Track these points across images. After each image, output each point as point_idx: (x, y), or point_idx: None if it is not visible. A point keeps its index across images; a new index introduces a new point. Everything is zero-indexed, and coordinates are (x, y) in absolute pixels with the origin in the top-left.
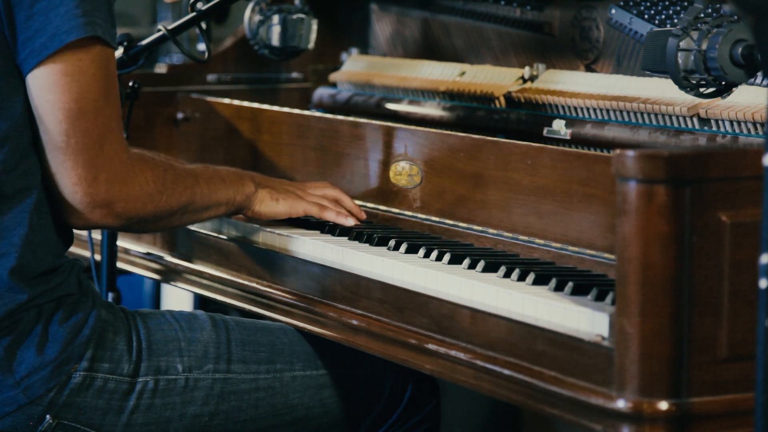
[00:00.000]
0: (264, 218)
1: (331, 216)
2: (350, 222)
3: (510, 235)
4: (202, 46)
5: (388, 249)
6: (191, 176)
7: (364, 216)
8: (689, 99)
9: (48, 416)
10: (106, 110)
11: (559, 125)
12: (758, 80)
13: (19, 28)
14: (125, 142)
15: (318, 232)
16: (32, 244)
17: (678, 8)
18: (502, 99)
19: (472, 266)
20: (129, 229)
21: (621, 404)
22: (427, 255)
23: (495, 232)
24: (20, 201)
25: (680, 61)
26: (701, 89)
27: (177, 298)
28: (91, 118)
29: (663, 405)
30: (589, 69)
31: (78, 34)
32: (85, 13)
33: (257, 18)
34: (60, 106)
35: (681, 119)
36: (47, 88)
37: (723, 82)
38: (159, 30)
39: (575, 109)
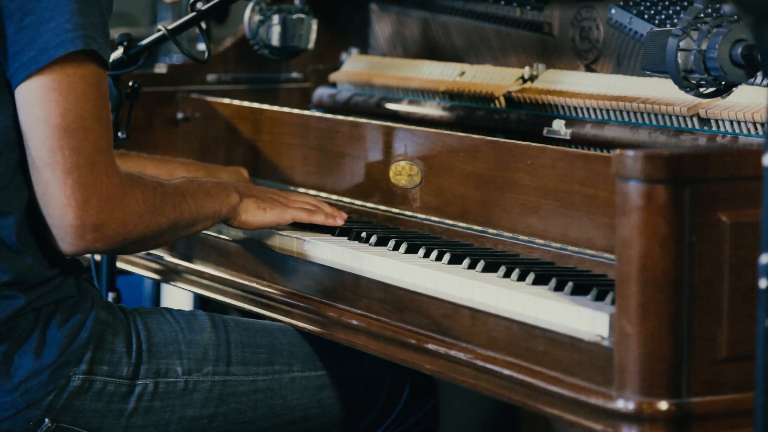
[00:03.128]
0: (251, 228)
1: (320, 219)
2: (339, 222)
3: (510, 235)
4: (202, 46)
5: (388, 249)
6: (178, 193)
7: (345, 216)
8: (689, 99)
9: (47, 420)
10: (97, 129)
11: (559, 125)
12: (758, 80)
13: (9, 41)
14: (116, 164)
15: (318, 232)
16: (26, 258)
17: (678, 8)
18: (502, 99)
19: (472, 266)
20: (118, 251)
21: (621, 404)
22: (427, 255)
23: (495, 232)
24: (13, 217)
25: (680, 61)
26: (701, 89)
27: (177, 298)
28: (80, 136)
29: (663, 405)
30: (589, 69)
31: (67, 49)
32: (76, 26)
33: (257, 18)
34: (46, 122)
35: (681, 119)
36: (34, 102)
37: (723, 82)
38: (159, 30)
39: (575, 109)
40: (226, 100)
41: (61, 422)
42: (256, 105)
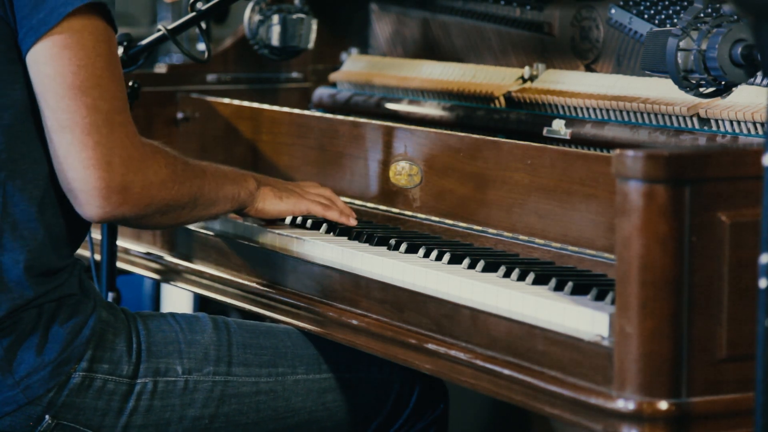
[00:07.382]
0: (267, 216)
1: (334, 215)
2: (352, 222)
3: (510, 234)
4: (202, 46)
5: (388, 249)
6: (199, 169)
7: (355, 216)
8: (689, 99)
9: (47, 416)
10: (111, 87)
11: (559, 125)
12: (758, 80)
13: (17, 6)
14: (134, 125)
15: (317, 232)
16: (41, 238)
17: (678, 8)
18: (501, 99)
19: (471, 266)
20: (142, 220)
21: (621, 404)
22: (426, 255)
23: (495, 231)
24: (30, 193)
25: (680, 61)
26: (701, 89)
27: (177, 298)
28: (95, 94)
29: (663, 405)
30: (589, 69)
31: (74, 4)
32: None
33: (257, 18)
34: (61, 82)
35: (681, 119)
36: (46, 62)
37: (723, 82)
38: (159, 30)
39: (575, 109)
40: (226, 100)
41: (62, 419)
42: (255, 105)
